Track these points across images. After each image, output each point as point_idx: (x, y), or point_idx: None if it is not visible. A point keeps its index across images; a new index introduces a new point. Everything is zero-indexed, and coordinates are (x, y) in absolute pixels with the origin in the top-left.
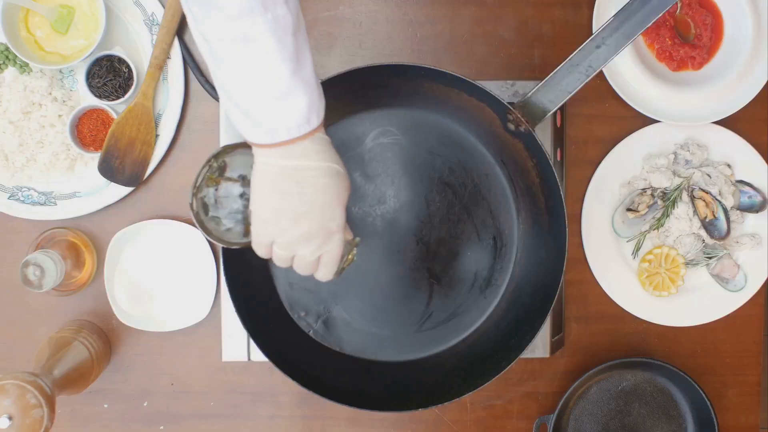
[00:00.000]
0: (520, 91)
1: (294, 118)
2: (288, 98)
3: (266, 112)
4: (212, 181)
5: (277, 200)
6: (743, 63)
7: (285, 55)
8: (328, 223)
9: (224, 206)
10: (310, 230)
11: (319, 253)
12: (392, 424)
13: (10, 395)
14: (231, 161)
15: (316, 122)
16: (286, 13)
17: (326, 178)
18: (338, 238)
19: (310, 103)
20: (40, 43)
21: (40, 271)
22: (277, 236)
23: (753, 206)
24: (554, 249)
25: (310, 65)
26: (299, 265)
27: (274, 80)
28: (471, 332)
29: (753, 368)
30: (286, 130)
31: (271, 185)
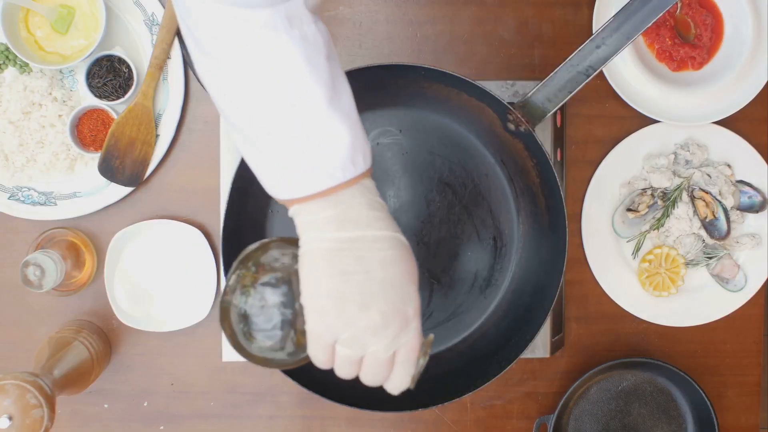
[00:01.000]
0: (520, 91)
1: (336, 158)
2: (326, 130)
3: (301, 152)
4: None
5: (338, 283)
6: (743, 63)
7: (318, 78)
8: (403, 306)
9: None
10: (384, 316)
11: (395, 347)
12: (392, 424)
13: (10, 395)
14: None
15: (363, 166)
16: (316, 33)
17: (394, 249)
18: (416, 326)
19: (354, 140)
20: (40, 43)
21: (40, 271)
22: (340, 331)
23: (753, 206)
24: (554, 249)
25: (350, 98)
26: (370, 368)
27: (307, 107)
28: (471, 332)
29: (753, 368)
30: (327, 174)
31: (328, 265)
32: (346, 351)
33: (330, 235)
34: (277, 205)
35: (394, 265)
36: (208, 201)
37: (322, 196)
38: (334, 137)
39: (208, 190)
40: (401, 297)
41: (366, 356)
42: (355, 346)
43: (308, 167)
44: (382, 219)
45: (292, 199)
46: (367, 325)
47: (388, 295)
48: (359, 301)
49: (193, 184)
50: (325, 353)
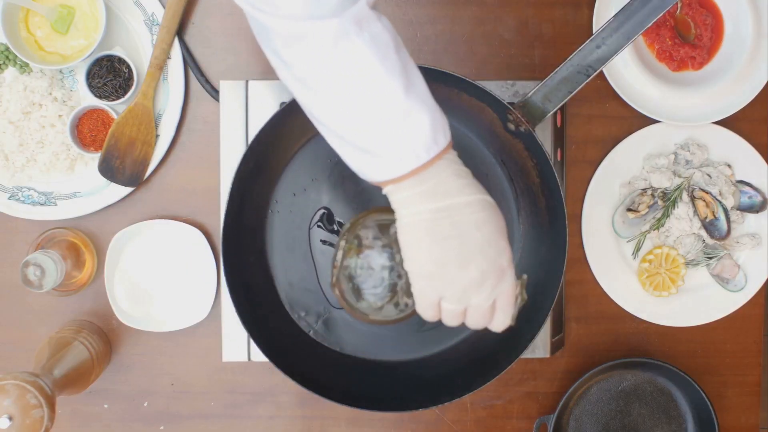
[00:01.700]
0: (520, 91)
1: (419, 140)
2: (407, 118)
3: (387, 140)
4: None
5: (438, 249)
6: (743, 63)
7: (392, 72)
8: (498, 259)
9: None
10: (483, 272)
11: (494, 296)
12: (392, 424)
13: (10, 395)
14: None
15: (444, 141)
16: (382, 30)
17: (482, 211)
18: (510, 274)
19: (433, 120)
20: (41, 43)
21: (40, 271)
22: (445, 290)
23: (753, 206)
24: (554, 249)
25: (422, 82)
26: (474, 317)
27: (388, 101)
28: (471, 332)
29: (753, 368)
30: (414, 155)
31: (427, 234)
32: (451, 306)
33: (425, 207)
34: (278, 205)
35: (486, 225)
36: (208, 201)
37: (411, 176)
38: (415, 122)
39: (208, 190)
40: (495, 252)
41: (469, 307)
42: (459, 301)
43: (396, 152)
44: (469, 185)
45: (384, 181)
46: (469, 282)
47: (483, 253)
48: (458, 263)
49: (193, 184)
50: (433, 310)
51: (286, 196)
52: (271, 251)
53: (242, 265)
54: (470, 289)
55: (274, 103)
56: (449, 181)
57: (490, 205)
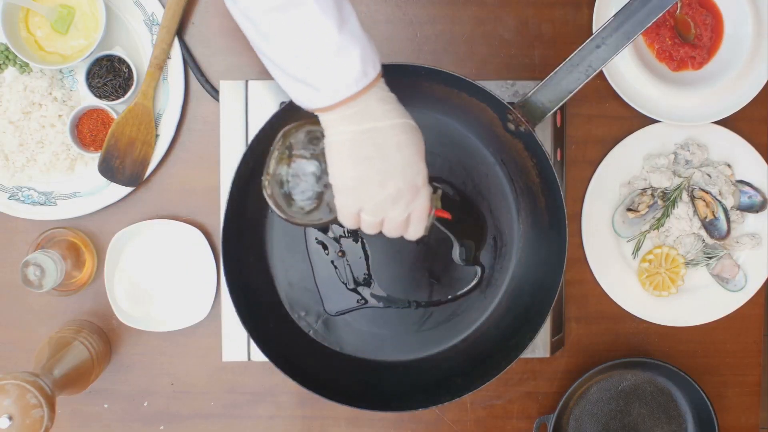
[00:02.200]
0: (520, 91)
1: (350, 73)
2: (340, 54)
3: (321, 73)
4: (283, 160)
5: (361, 167)
6: (743, 63)
7: (328, 12)
8: (414, 178)
9: (298, 185)
10: (399, 190)
11: (408, 211)
12: (392, 424)
13: (10, 395)
14: (296, 141)
15: (373, 74)
16: None
17: (404, 134)
18: (425, 191)
19: (363, 55)
20: (40, 43)
21: (40, 271)
22: (365, 203)
23: (753, 206)
24: (554, 249)
25: (354, 19)
26: (390, 228)
27: (322, 39)
28: (471, 332)
29: (753, 368)
30: (345, 87)
31: (351, 153)
32: (369, 218)
33: (351, 129)
34: None
35: (406, 147)
36: (208, 201)
37: (343, 104)
38: (346, 57)
39: (208, 190)
40: (413, 172)
41: (386, 219)
42: (376, 214)
43: (330, 84)
44: (393, 110)
45: (319, 108)
46: (386, 197)
47: (402, 173)
48: (378, 180)
49: (193, 184)
50: (352, 220)
51: None
52: (271, 251)
53: (242, 265)
54: (387, 203)
55: (274, 103)
56: (375, 106)
57: (411, 128)
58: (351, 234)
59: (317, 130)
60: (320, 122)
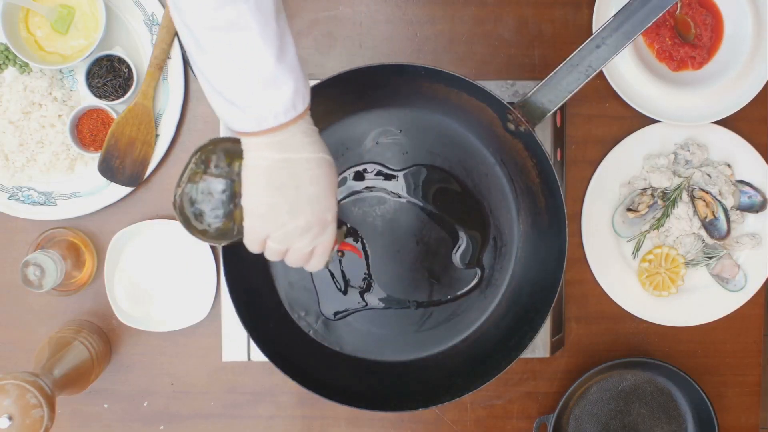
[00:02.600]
0: (520, 91)
1: (281, 104)
2: (274, 84)
3: (252, 100)
4: (197, 176)
5: (274, 195)
6: (743, 63)
7: (269, 41)
8: (324, 214)
9: (208, 203)
10: (308, 223)
11: (314, 244)
12: (392, 424)
13: (10, 395)
14: (215, 157)
15: (302, 107)
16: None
17: (320, 168)
18: (332, 228)
19: (296, 88)
20: (40, 43)
21: (40, 271)
22: (273, 231)
23: (753, 206)
24: (554, 249)
25: (293, 50)
26: (293, 258)
27: (259, 67)
28: (471, 332)
29: (753, 368)
30: (273, 116)
31: (267, 180)
32: (275, 245)
33: (271, 155)
34: None
35: (320, 181)
36: None
37: (267, 132)
38: (279, 88)
39: None
40: (323, 207)
41: (290, 249)
42: (282, 242)
43: (259, 111)
44: (314, 143)
45: (245, 132)
46: (294, 228)
47: (312, 206)
48: (289, 211)
49: None
50: (258, 245)
51: None
52: None
53: (242, 265)
54: (295, 234)
55: None
56: (298, 138)
57: (327, 163)
58: (351, 234)
59: (236, 150)
60: (241, 143)
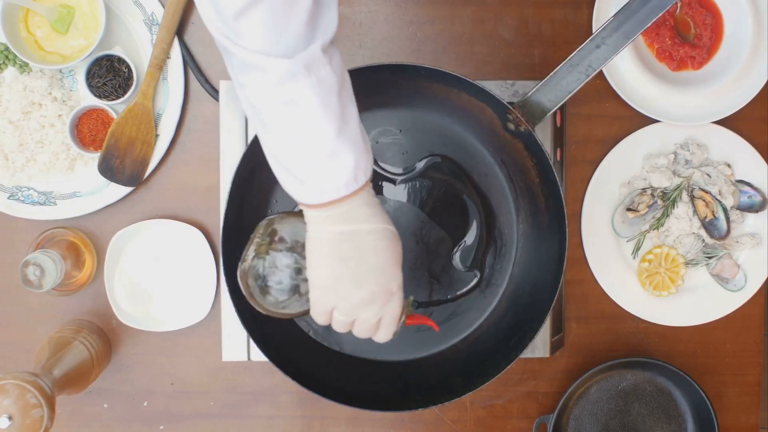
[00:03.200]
0: (520, 91)
1: (342, 177)
2: (335, 158)
3: (314, 173)
4: (262, 250)
5: (338, 267)
6: (743, 63)
7: (330, 116)
8: (389, 284)
9: (274, 276)
10: (373, 294)
11: (380, 314)
12: (392, 424)
13: (10, 395)
14: (281, 229)
15: (363, 179)
16: (330, 74)
17: (384, 240)
18: (398, 297)
19: (357, 161)
20: (40, 43)
21: (40, 271)
22: (338, 303)
23: (753, 206)
24: (554, 249)
25: (355, 123)
26: (360, 329)
27: (320, 141)
28: (471, 332)
29: (753, 368)
30: (334, 190)
31: (330, 252)
32: (341, 317)
33: (334, 228)
34: (277, 204)
35: (384, 252)
36: (208, 201)
37: (329, 204)
38: (340, 162)
39: (208, 189)
40: (387, 278)
41: (357, 320)
42: (348, 314)
43: (320, 185)
44: (377, 215)
45: (307, 204)
46: (359, 300)
47: (377, 277)
48: (353, 282)
49: (193, 184)
50: (325, 317)
51: (286, 195)
52: None
53: None
54: (360, 306)
55: None
56: (359, 209)
57: (391, 234)
58: None
59: (300, 222)
60: (305, 216)
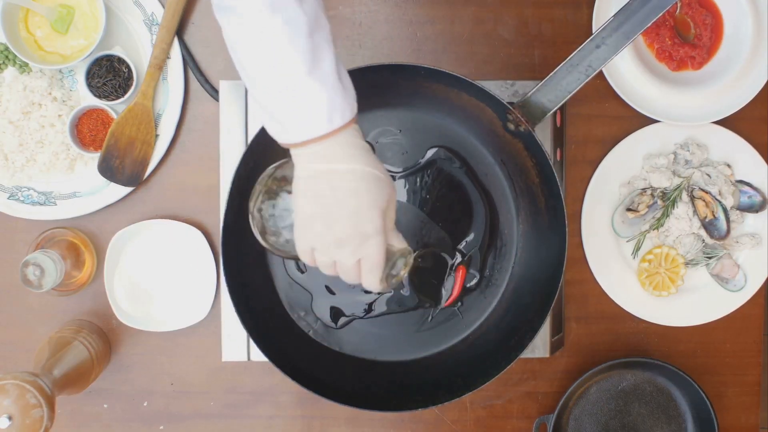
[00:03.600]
0: (519, 91)
1: (316, 118)
2: (307, 98)
3: (289, 113)
4: (272, 193)
5: (313, 205)
6: (743, 63)
7: (299, 55)
8: (362, 226)
9: (283, 218)
10: (346, 235)
11: (355, 257)
12: (392, 424)
13: (10, 395)
14: (283, 176)
15: (340, 121)
16: (299, 15)
17: (361, 181)
18: (376, 242)
19: (331, 102)
20: (40, 43)
21: (40, 271)
22: (315, 242)
23: (753, 206)
24: (554, 249)
25: (330, 65)
26: (341, 272)
27: (290, 80)
28: (471, 332)
29: (753, 368)
30: (309, 130)
31: (307, 190)
32: (320, 258)
33: (312, 166)
34: None
35: (359, 193)
36: (208, 201)
37: (310, 143)
38: (313, 102)
39: (208, 189)
40: (360, 219)
41: (337, 263)
42: (325, 255)
43: (296, 124)
44: (357, 156)
45: (287, 144)
46: (332, 240)
47: (349, 218)
48: (325, 220)
49: (193, 184)
50: (307, 256)
51: None
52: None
53: (242, 265)
54: (333, 246)
55: None
56: (338, 149)
57: (371, 176)
58: None
59: None
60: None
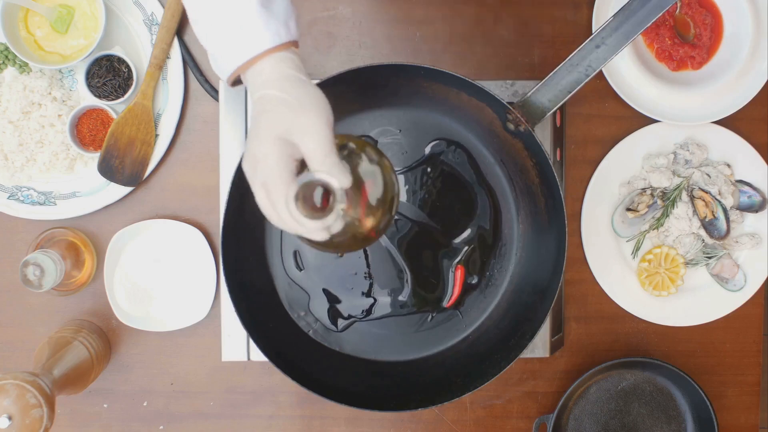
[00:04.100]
0: (519, 91)
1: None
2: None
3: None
4: None
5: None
6: (743, 63)
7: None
8: (253, 149)
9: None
10: (246, 158)
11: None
12: (392, 424)
13: (9, 395)
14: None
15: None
16: None
17: (262, 104)
18: (265, 166)
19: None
20: (40, 43)
21: (39, 270)
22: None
23: (753, 206)
24: (554, 248)
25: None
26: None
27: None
28: (471, 332)
29: (753, 368)
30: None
31: None
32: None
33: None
34: None
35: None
36: (208, 201)
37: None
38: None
39: (208, 189)
40: (253, 143)
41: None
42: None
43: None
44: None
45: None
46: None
47: (249, 141)
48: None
49: (192, 184)
50: None
51: None
52: (271, 251)
53: (242, 265)
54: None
55: None
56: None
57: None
58: None
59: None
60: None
